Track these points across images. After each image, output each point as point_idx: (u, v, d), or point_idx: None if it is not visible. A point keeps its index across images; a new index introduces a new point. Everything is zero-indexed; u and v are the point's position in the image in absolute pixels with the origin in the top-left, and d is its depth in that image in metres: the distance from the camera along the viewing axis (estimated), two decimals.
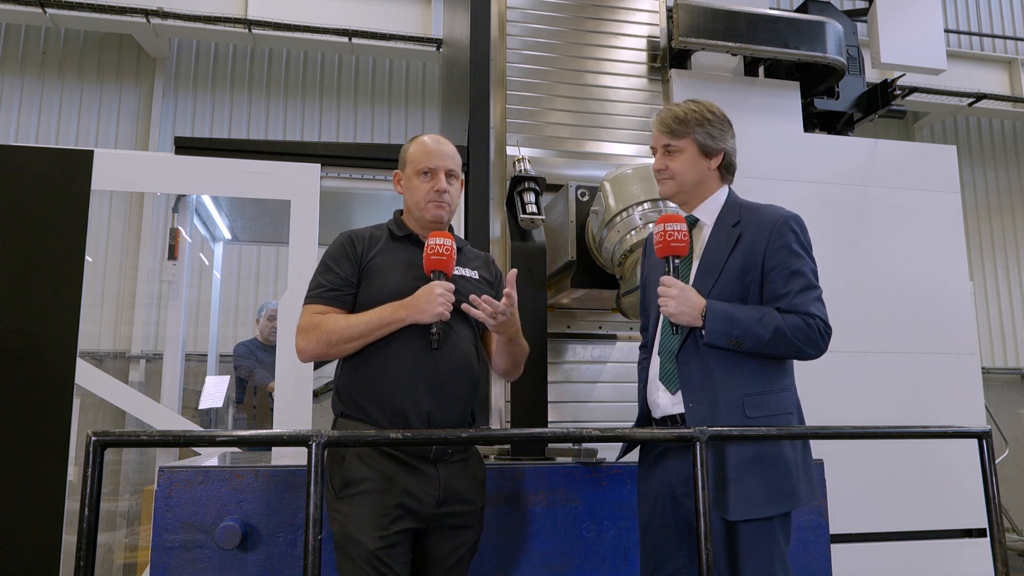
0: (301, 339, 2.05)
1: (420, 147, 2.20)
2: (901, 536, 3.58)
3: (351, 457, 1.96)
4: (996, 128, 10.23)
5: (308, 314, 2.06)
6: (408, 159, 2.20)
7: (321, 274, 2.11)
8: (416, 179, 2.17)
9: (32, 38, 7.80)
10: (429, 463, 1.99)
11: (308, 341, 2.03)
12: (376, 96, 8.38)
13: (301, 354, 2.07)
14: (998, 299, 9.71)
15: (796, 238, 2.00)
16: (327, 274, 2.10)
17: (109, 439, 1.52)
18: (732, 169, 2.16)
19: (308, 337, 2.03)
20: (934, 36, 4.24)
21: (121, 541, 5.48)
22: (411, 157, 2.20)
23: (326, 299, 2.07)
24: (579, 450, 2.55)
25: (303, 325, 2.05)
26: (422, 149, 2.19)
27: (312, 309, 2.07)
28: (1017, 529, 7.29)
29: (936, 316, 3.86)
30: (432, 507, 1.97)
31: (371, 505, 1.90)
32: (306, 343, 2.04)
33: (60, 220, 3.13)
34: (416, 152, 2.19)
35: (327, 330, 2.01)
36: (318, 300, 2.07)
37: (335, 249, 2.14)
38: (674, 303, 1.97)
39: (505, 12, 3.75)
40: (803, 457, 1.99)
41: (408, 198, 2.20)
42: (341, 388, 2.09)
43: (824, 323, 1.95)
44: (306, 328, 2.04)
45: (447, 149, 2.20)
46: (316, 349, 2.03)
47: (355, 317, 2.03)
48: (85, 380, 3.08)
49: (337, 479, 1.97)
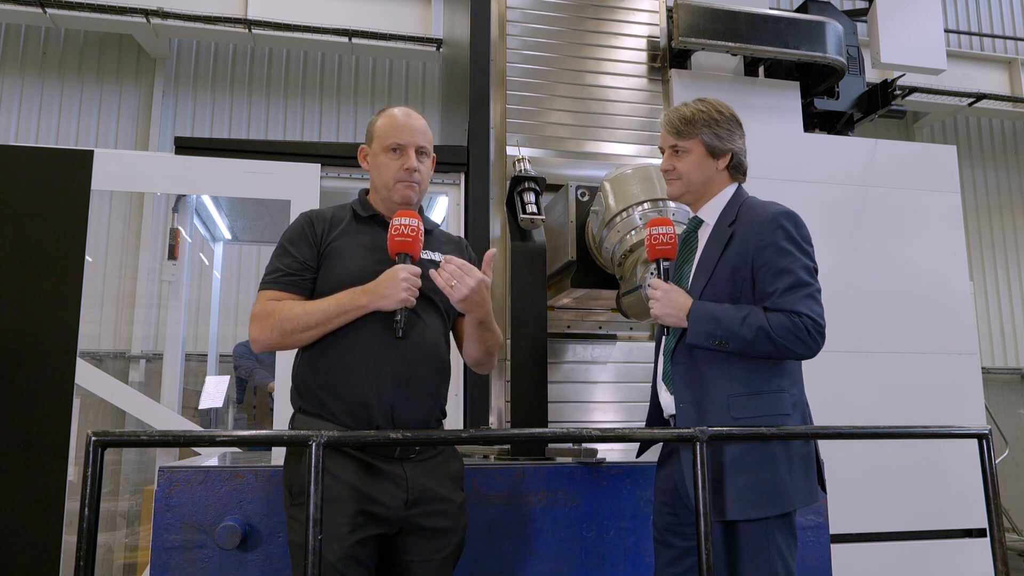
0: (254, 328, 1.90)
1: (389, 120, 2.04)
2: (901, 536, 3.58)
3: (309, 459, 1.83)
4: (996, 128, 10.23)
5: (262, 300, 1.93)
6: (375, 133, 2.04)
7: (278, 258, 1.97)
8: (384, 156, 2.01)
9: (32, 38, 7.80)
10: (394, 462, 1.86)
11: (261, 330, 1.89)
12: (376, 96, 8.38)
13: (255, 344, 1.92)
14: (998, 299, 9.72)
15: (785, 234, 1.97)
16: (284, 258, 1.96)
17: (109, 439, 1.52)
18: (742, 169, 2.14)
19: (261, 326, 1.89)
20: (934, 36, 4.24)
21: (121, 541, 5.48)
22: (379, 131, 2.04)
23: (282, 284, 1.94)
24: (579, 450, 2.55)
25: (256, 312, 1.91)
26: (391, 123, 2.03)
27: (267, 295, 1.93)
28: (1017, 529, 7.29)
29: (936, 316, 3.86)
30: (400, 510, 1.84)
31: (328, 513, 1.71)
32: (259, 332, 1.90)
33: (60, 220, 3.13)
34: (384, 126, 2.03)
35: (281, 318, 1.87)
36: (273, 286, 1.94)
37: (293, 231, 2.00)
38: (659, 305, 1.99)
39: (505, 12, 3.75)
40: (800, 458, 1.96)
41: (375, 176, 2.05)
42: (299, 381, 1.96)
43: (814, 320, 1.89)
44: (259, 316, 1.90)
45: (418, 124, 2.04)
46: (270, 338, 1.90)
47: (312, 304, 1.89)
48: (85, 380, 3.08)
49: (291, 484, 1.85)
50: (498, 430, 3.28)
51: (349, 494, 1.80)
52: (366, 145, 2.09)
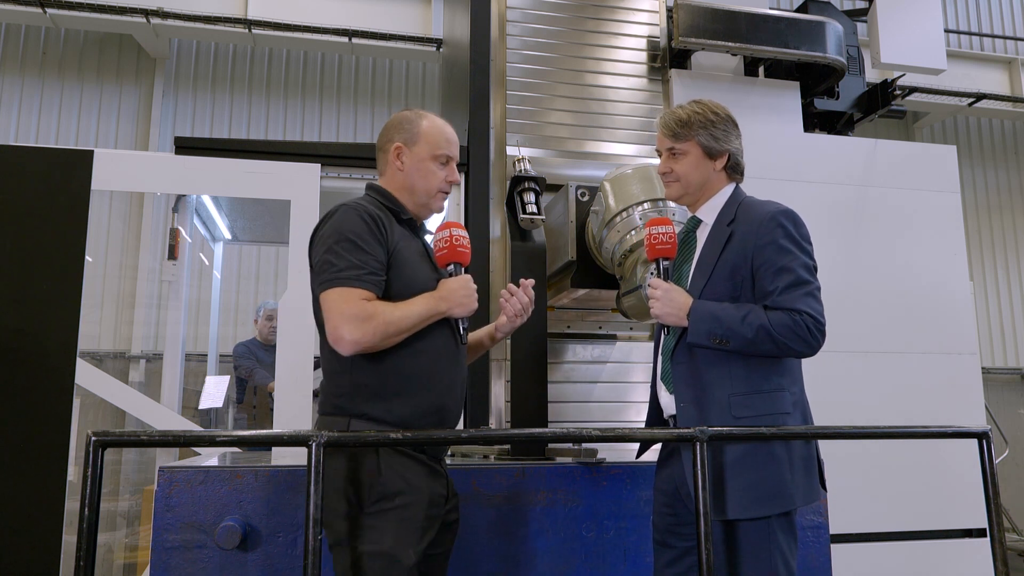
0: (355, 329, 1.74)
1: (439, 129, 2.03)
2: (901, 536, 3.58)
3: (385, 467, 1.77)
4: (996, 128, 10.23)
5: (354, 300, 1.76)
6: (423, 137, 2.00)
7: (351, 253, 1.80)
8: (432, 163, 1.99)
9: (32, 38, 7.80)
10: (440, 462, 1.92)
11: (364, 332, 1.75)
12: (376, 96, 8.39)
13: (353, 345, 1.76)
14: (998, 299, 9.72)
15: (784, 233, 1.97)
16: (358, 254, 1.80)
17: (109, 439, 1.52)
18: (739, 169, 2.14)
19: (364, 327, 1.75)
20: (934, 36, 4.24)
21: (121, 541, 5.48)
22: (428, 137, 2.00)
23: (368, 283, 1.79)
24: (579, 450, 2.55)
25: (356, 312, 1.75)
26: (442, 133, 2.02)
27: (357, 294, 1.77)
28: (1017, 529, 7.29)
29: (936, 316, 3.86)
30: (443, 508, 1.90)
31: (408, 520, 1.74)
32: (362, 334, 1.75)
33: (60, 220, 3.13)
34: (436, 134, 2.01)
35: (385, 320, 1.77)
36: (360, 284, 1.78)
37: (358, 226, 1.84)
38: (659, 304, 2.00)
39: (505, 12, 3.75)
40: (801, 457, 1.96)
41: (416, 179, 1.99)
42: (360, 386, 1.84)
43: (814, 318, 1.90)
44: (360, 317, 1.74)
45: (456, 137, 2.08)
46: (371, 342, 1.76)
47: (405, 307, 1.82)
48: (85, 380, 3.08)
49: (370, 492, 1.77)
50: (498, 430, 3.28)
51: (421, 498, 1.80)
52: (403, 145, 2.00)
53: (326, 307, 1.80)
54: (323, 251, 1.84)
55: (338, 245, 1.82)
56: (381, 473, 1.77)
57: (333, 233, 1.84)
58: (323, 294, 1.81)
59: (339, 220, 1.86)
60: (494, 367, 3.44)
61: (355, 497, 1.77)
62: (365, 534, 1.75)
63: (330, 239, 1.84)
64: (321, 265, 1.83)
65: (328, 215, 1.90)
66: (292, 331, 3.26)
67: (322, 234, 1.88)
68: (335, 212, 1.89)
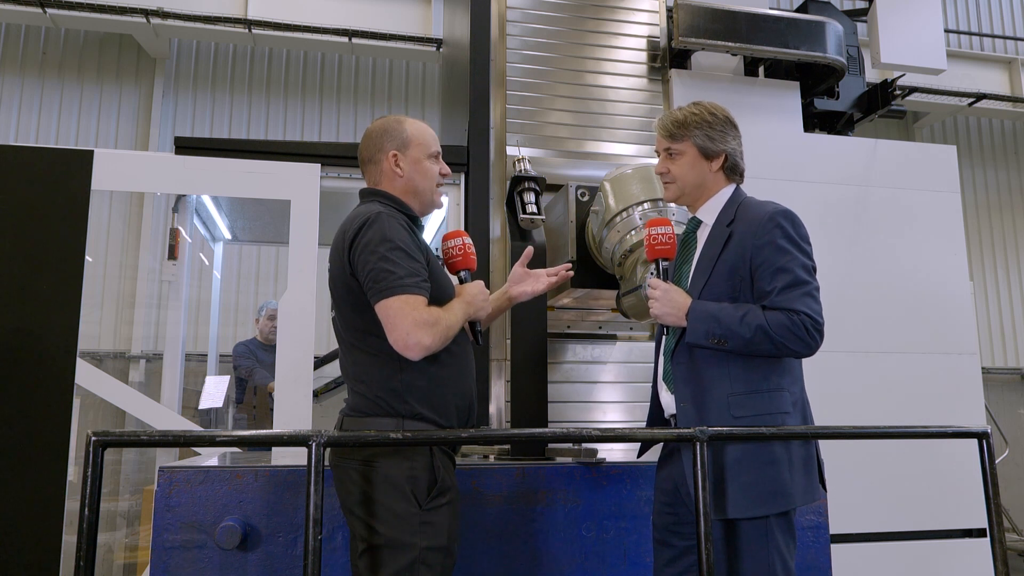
0: (426, 334, 1.83)
1: (424, 130, 2.11)
2: (901, 536, 3.58)
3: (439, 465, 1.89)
4: (996, 128, 10.23)
5: (420, 306, 1.84)
6: (413, 140, 2.08)
7: (406, 260, 1.88)
8: (428, 161, 2.09)
9: (32, 38, 7.80)
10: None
11: (434, 336, 1.85)
12: (376, 96, 8.38)
13: (426, 350, 1.85)
14: (998, 299, 9.72)
15: (783, 233, 1.97)
16: (412, 262, 1.89)
17: (109, 439, 1.52)
18: (738, 169, 2.14)
19: (434, 332, 1.85)
20: (934, 36, 4.24)
21: (121, 541, 5.48)
22: (418, 138, 2.08)
23: (425, 290, 1.89)
24: (579, 450, 2.55)
25: (427, 318, 1.84)
26: (428, 132, 2.11)
27: (419, 301, 1.85)
28: (1017, 529, 7.29)
29: (936, 316, 3.86)
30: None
31: (455, 515, 1.91)
32: (433, 339, 1.84)
33: (60, 220, 3.13)
34: (423, 133, 2.10)
35: (446, 324, 1.88)
36: (419, 291, 1.87)
37: (403, 234, 1.93)
38: (658, 304, 2.02)
39: (505, 12, 3.75)
40: (800, 457, 1.97)
41: (418, 180, 2.07)
42: (412, 388, 1.91)
43: (812, 318, 1.90)
44: (430, 323, 1.84)
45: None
46: (439, 346, 1.87)
47: (452, 312, 1.94)
48: (85, 380, 3.08)
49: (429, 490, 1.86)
50: (498, 430, 3.28)
51: (458, 494, 1.96)
52: (396, 151, 2.06)
53: (391, 314, 1.83)
54: (376, 259, 1.86)
55: (392, 253, 1.87)
56: (437, 471, 1.88)
57: (383, 241, 1.88)
58: (385, 301, 1.84)
59: (384, 228, 1.90)
60: (494, 367, 3.44)
61: (415, 496, 1.85)
62: (426, 530, 1.83)
63: (381, 247, 1.87)
64: (379, 273, 1.85)
65: (365, 223, 1.91)
66: (292, 331, 3.26)
67: (366, 242, 1.89)
68: (375, 221, 1.91)
